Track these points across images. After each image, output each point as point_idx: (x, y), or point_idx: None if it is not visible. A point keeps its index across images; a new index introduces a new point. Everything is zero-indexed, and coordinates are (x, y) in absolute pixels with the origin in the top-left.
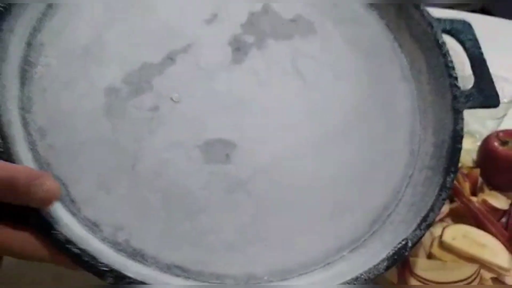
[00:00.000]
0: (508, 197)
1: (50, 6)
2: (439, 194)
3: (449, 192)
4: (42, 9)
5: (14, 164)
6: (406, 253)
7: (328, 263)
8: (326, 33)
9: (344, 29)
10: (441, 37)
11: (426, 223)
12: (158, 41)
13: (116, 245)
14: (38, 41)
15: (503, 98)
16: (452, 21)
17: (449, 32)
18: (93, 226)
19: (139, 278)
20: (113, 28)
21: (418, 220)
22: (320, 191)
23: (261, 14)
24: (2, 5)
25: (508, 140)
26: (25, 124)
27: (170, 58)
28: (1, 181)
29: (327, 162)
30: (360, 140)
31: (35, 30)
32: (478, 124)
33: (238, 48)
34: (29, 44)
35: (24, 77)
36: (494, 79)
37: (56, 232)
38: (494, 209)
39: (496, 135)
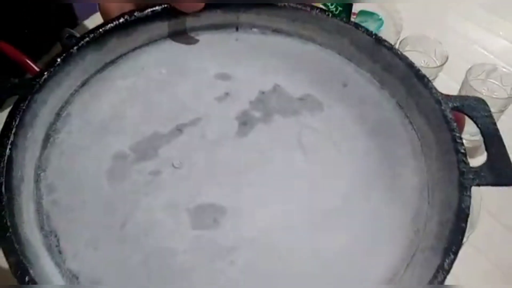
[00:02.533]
0: None
1: (84, 83)
2: (434, 276)
3: (447, 274)
4: (76, 86)
5: None
6: None
7: None
8: (334, 111)
9: (352, 107)
10: (450, 113)
11: None
12: (171, 116)
13: None
14: (66, 112)
15: (435, 61)
16: (463, 98)
17: (460, 109)
18: (72, 278)
19: None
20: (133, 104)
21: None
22: (307, 270)
23: (270, 93)
24: (38, 80)
25: None
26: (37, 180)
27: (179, 130)
28: None
29: (322, 240)
30: (361, 218)
31: (66, 103)
32: None
33: (245, 122)
34: (58, 114)
35: (47, 140)
36: (429, 42)
37: (29, 277)
38: None
39: None
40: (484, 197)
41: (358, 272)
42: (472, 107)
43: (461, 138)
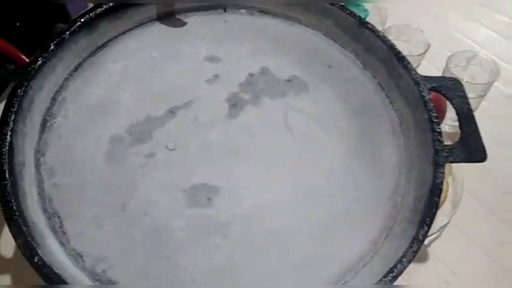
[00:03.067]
0: None
1: (77, 68)
2: (410, 247)
3: (421, 244)
4: (70, 70)
5: None
6: None
7: None
8: (319, 91)
9: (337, 87)
10: (428, 94)
11: (392, 274)
12: (163, 99)
13: (94, 275)
14: (61, 97)
15: (418, 49)
16: (440, 79)
17: (437, 90)
18: (77, 257)
19: None
20: (126, 87)
21: (386, 270)
22: (297, 240)
23: (259, 75)
24: (33, 66)
25: None
26: (38, 165)
27: (171, 112)
28: None
29: (308, 212)
30: (344, 193)
31: (61, 88)
32: None
33: (235, 104)
34: (53, 99)
35: (45, 125)
36: (412, 31)
37: (38, 257)
38: None
39: None
40: (465, 181)
41: (341, 243)
42: (448, 88)
43: (437, 118)
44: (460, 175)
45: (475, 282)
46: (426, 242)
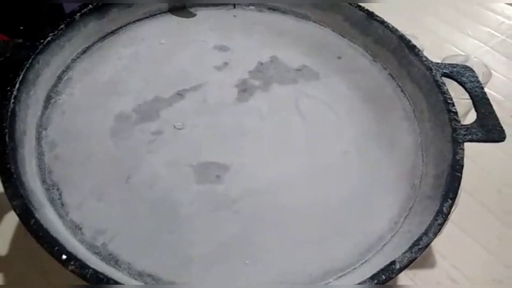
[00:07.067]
0: None
1: (85, 50)
2: (434, 219)
3: (446, 218)
4: (78, 52)
5: None
6: (393, 275)
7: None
8: (329, 80)
9: (347, 77)
10: (440, 78)
11: (418, 247)
12: (171, 82)
13: (93, 247)
14: (67, 76)
15: None
16: (452, 65)
17: (449, 75)
18: (75, 229)
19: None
20: (134, 71)
21: (410, 243)
22: (311, 217)
23: (268, 64)
24: (41, 41)
25: None
26: (39, 138)
27: (180, 95)
28: None
29: (323, 191)
30: (359, 173)
31: (68, 68)
32: None
33: (244, 90)
34: (59, 77)
35: (49, 101)
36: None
37: (34, 219)
38: None
39: None
40: (462, 180)
41: (358, 223)
42: (461, 74)
43: (452, 99)
44: None
45: (478, 277)
46: None
